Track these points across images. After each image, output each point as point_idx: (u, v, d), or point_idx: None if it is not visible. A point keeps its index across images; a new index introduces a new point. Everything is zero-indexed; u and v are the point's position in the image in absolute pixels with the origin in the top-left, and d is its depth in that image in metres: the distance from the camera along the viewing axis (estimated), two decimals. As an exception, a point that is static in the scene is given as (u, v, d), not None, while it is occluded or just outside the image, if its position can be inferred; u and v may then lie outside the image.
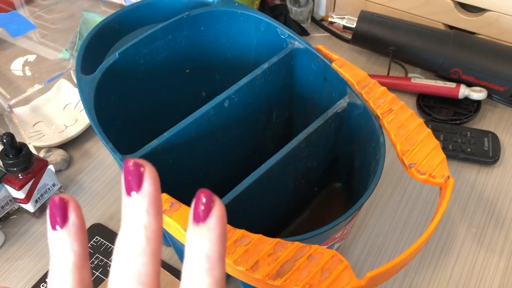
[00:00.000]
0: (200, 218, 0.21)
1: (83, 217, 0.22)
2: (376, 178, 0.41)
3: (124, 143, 0.43)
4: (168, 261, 0.54)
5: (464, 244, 0.55)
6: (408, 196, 0.60)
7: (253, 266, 0.35)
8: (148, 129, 0.49)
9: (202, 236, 0.21)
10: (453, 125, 0.66)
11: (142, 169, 0.21)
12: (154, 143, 0.43)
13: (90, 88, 0.45)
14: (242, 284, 0.48)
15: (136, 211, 0.21)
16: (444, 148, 0.61)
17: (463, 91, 0.67)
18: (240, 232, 0.37)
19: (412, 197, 0.59)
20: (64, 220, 0.22)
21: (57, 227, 0.22)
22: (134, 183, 0.21)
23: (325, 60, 0.50)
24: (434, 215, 0.38)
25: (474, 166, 0.62)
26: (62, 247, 0.22)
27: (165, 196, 0.38)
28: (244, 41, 0.55)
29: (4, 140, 0.52)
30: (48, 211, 0.22)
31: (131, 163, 0.22)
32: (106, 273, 0.53)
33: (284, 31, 0.52)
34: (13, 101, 0.57)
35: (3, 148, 0.53)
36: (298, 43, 0.51)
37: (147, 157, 0.42)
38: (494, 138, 0.64)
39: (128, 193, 0.22)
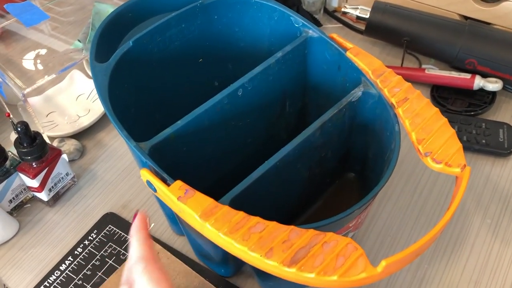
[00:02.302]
0: None
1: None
2: (391, 167, 0.41)
3: (137, 131, 0.43)
4: (181, 250, 0.54)
5: (479, 235, 0.55)
6: (422, 187, 0.59)
7: (267, 252, 0.35)
8: (161, 117, 0.49)
9: None
10: (468, 117, 0.65)
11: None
12: (168, 131, 0.43)
13: (104, 75, 0.45)
14: (254, 271, 0.48)
15: None
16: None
17: (478, 82, 0.66)
18: (255, 219, 0.37)
19: (426, 188, 0.59)
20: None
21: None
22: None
23: (340, 48, 0.49)
24: (450, 204, 0.37)
25: (489, 158, 0.62)
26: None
27: (179, 183, 0.38)
28: (258, 30, 0.55)
29: (19, 129, 0.52)
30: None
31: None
32: (119, 261, 0.53)
33: (298, 20, 0.51)
34: (27, 90, 0.57)
35: (17, 137, 0.54)
36: (312, 31, 0.51)
37: (161, 144, 0.42)
38: (510, 130, 0.63)
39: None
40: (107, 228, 0.57)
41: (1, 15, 0.80)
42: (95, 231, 0.56)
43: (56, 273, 0.53)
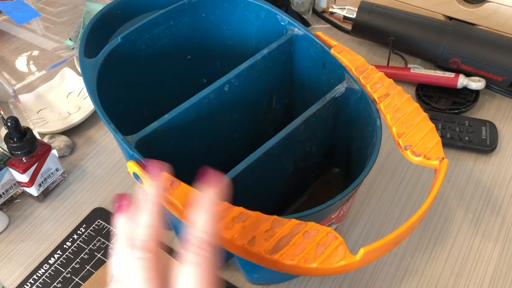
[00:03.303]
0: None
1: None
2: (372, 160, 0.42)
3: (125, 126, 0.44)
4: (169, 244, 0.55)
5: (461, 229, 0.56)
6: (405, 184, 0.60)
7: (250, 241, 0.36)
8: (149, 113, 0.50)
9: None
10: (452, 115, 0.67)
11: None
12: (155, 124, 0.44)
13: (93, 71, 0.46)
14: (240, 263, 0.49)
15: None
16: (442, 137, 0.62)
17: (462, 81, 0.68)
18: (238, 209, 0.38)
19: (410, 185, 0.60)
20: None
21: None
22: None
23: (324, 46, 0.50)
24: (428, 195, 0.39)
25: (471, 155, 0.63)
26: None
27: (165, 174, 0.39)
28: (245, 28, 0.56)
29: (9, 124, 0.53)
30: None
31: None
32: (107, 255, 0.54)
33: (284, 18, 0.52)
34: (17, 86, 0.58)
35: (7, 132, 0.54)
36: (297, 29, 0.52)
37: (148, 138, 0.43)
38: (492, 127, 0.64)
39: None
40: (96, 222, 0.57)
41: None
42: (84, 225, 0.57)
43: (45, 267, 0.54)
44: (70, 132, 0.67)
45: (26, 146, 0.55)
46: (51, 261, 0.54)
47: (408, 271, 0.53)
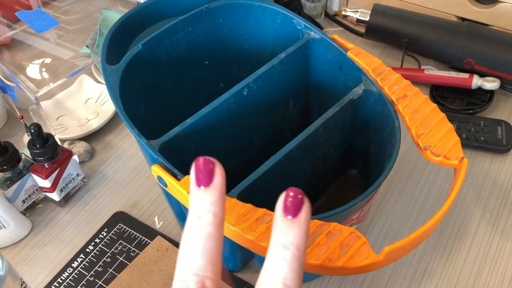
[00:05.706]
0: (290, 211, 0.23)
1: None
2: (392, 161, 0.43)
3: (146, 130, 0.45)
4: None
5: (479, 229, 0.56)
6: (423, 183, 0.61)
7: (274, 242, 0.36)
8: (168, 118, 0.51)
9: (291, 228, 0.23)
10: (467, 115, 0.67)
11: (211, 165, 0.24)
12: (177, 129, 0.45)
13: (115, 77, 0.47)
14: (261, 264, 0.50)
15: (206, 202, 0.24)
16: (458, 137, 0.62)
17: (476, 81, 0.68)
18: (262, 210, 0.38)
19: (427, 184, 0.60)
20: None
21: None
22: (204, 179, 0.24)
23: (341, 49, 0.51)
24: (449, 194, 0.39)
25: (487, 154, 0.63)
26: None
27: (188, 178, 0.40)
28: (261, 33, 0.57)
29: (32, 130, 0.54)
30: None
31: (201, 160, 0.24)
32: (129, 258, 0.55)
33: (300, 22, 0.53)
34: (40, 93, 0.59)
35: (30, 139, 0.56)
36: (314, 33, 0.53)
37: (170, 142, 0.44)
38: (508, 127, 0.65)
39: (199, 186, 0.24)
40: (117, 226, 0.58)
41: (8, 24, 0.83)
42: (106, 229, 0.58)
43: (69, 270, 0.55)
44: (89, 137, 0.68)
45: (49, 152, 0.56)
46: (75, 264, 0.55)
47: (427, 272, 0.53)
